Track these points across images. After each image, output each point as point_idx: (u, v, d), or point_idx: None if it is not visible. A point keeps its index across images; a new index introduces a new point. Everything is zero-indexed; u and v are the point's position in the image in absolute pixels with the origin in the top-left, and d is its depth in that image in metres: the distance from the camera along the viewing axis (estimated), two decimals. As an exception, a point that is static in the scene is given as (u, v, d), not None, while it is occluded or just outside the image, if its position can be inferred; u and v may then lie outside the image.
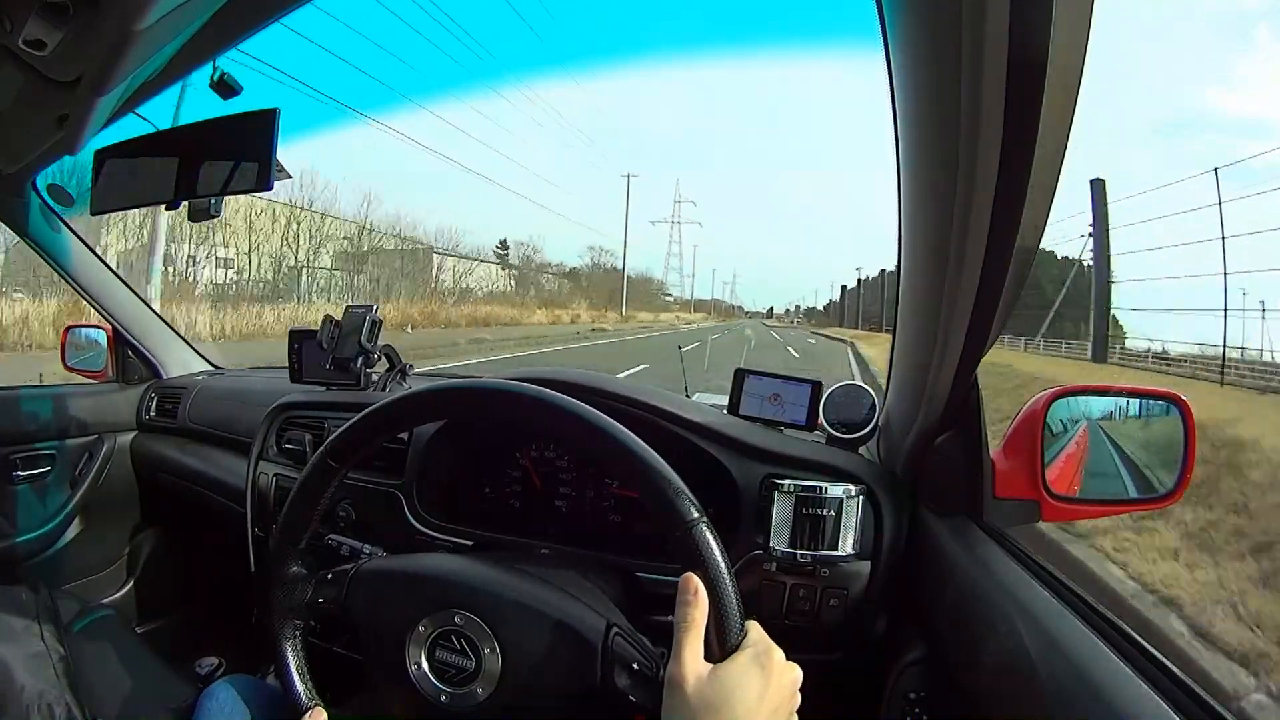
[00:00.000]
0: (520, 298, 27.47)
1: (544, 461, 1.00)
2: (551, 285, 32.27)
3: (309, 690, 0.61)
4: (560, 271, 33.88)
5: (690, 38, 54.62)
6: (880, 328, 35.24)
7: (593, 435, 0.56)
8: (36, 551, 1.41)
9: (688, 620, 0.49)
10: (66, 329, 1.67)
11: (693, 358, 1.67)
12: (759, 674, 0.48)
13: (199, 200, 0.99)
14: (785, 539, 0.79)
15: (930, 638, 0.74)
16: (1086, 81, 0.43)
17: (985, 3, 0.41)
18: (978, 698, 0.61)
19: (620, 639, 0.56)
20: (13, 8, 0.59)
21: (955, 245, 0.54)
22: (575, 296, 33.36)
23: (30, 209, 1.29)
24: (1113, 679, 0.48)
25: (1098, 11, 0.41)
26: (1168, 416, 0.75)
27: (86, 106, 0.73)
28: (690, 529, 0.51)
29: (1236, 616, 2.89)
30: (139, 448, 1.54)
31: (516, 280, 28.65)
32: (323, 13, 14.55)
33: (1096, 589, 2.88)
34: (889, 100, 0.58)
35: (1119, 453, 0.79)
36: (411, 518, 0.94)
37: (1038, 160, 0.47)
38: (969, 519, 0.76)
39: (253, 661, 1.18)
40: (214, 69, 0.91)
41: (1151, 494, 0.74)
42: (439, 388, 0.62)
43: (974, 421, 0.73)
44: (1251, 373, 13.38)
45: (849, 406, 0.91)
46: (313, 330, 1.15)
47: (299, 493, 0.63)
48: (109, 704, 0.87)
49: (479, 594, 0.59)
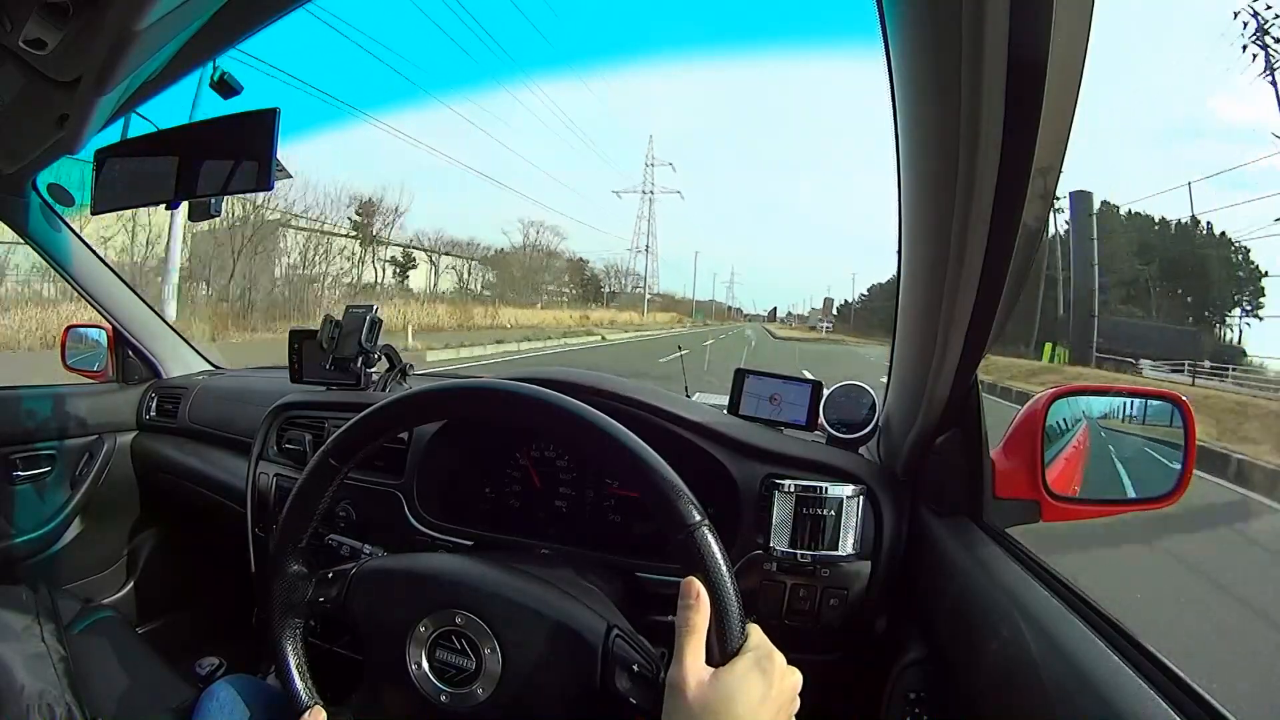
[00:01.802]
0: (398, 289, 20.61)
1: (544, 461, 1.00)
2: (464, 271, 24.70)
3: (309, 690, 0.61)
4: (470, 254, 25.04)
5: (689, 37, 54.58)
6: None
7: (594, 436, 0.56)
8: (37, 551, 1.41)
9: (689, 624, 0.49)
10: (66, 329, 1.67)
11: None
12: (760, 678, 0.48)
13: (199, 200, 0.99)
14: (785, 539, 0.79)
15: (930, 638, 0.74)
16: (1087, 82, 0.43)
17: (985, 3, 0.41)
18: (978, 698, 0.61)
19: (620, 640, 0.56)
20: (13, 8, 0.59)
21: (955, 245, 0.54)
22: (502, 287, 26.45)
23: (30, 209, 1.29)
24: (1113, 679, 0.48)
25: (1098, 12, 0.41)
26: (1168, 416, 0.75)
27: (86, 106, 0.73)
28: (692, 532, 0.51)
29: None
30: (139, 448, 1.54)
31: (402, 265, 21.14)
32: (310, 14, 14.44)
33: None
34: (889, 100, 0.58)
35: (1119, 453, 0.79)
36: (411, 518, 0.94)
37: (1038, 161, 0.47)
38: (969, 519, 0.76)
39: (253, 661, 1.18)
40: (214, 69, 0.92)
41: (1152, 494, 0.74)
42: (439, 388, 0.62)
43: (974, 421, 0.73)
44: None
45: (849, 407, 0.91)
46: (313, 330, 1.15)
47: (299, 493, 0.63)
48: (109, 704, 0.87)
49: (479, 594, 0.59)
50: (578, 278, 35.31)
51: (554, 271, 32.38)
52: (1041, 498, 0.72)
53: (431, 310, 19.59)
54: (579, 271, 35.58)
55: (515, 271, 28.53)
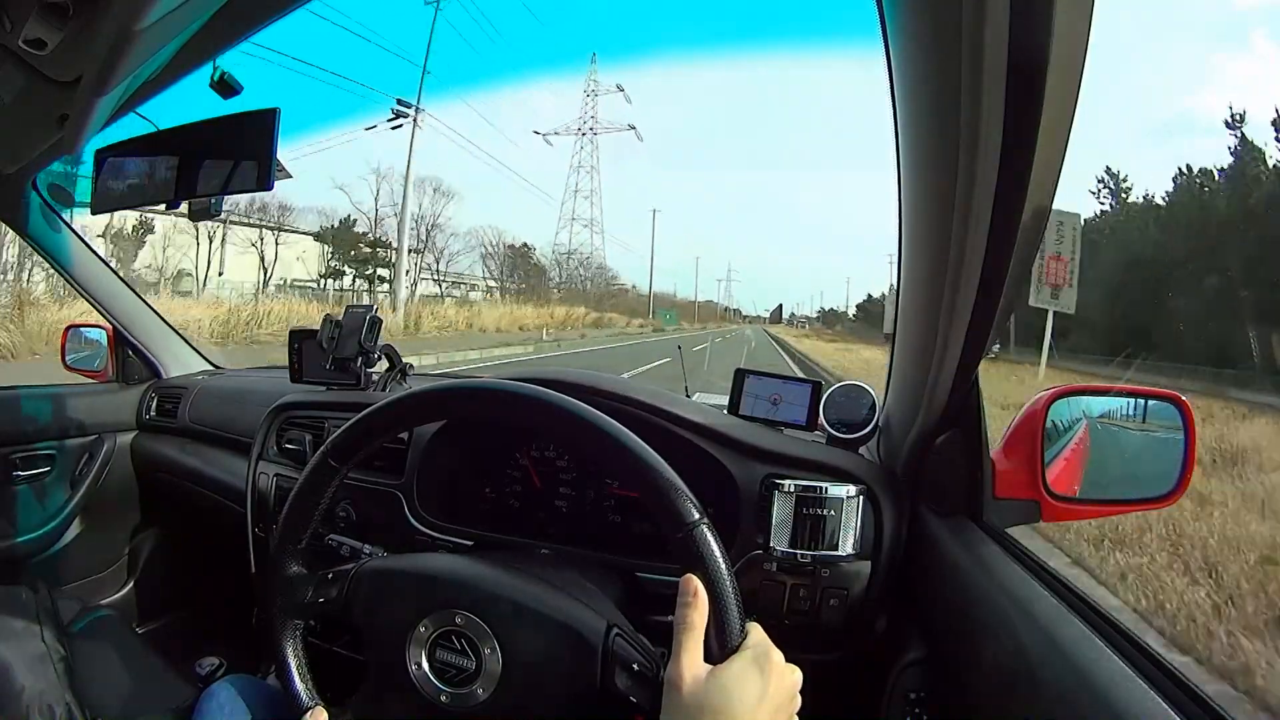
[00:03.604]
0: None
1: (544, 461, 1.00)
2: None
3: (309, 690, 0.61)
4: (277, 222, 17.55)
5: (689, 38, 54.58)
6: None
7: (593, 436, 0.56)
8: (37, 551, 1.41)
9: (687, 621, 0.49)
10: (67, 329, 1.67)
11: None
12: (758, 676, 0.48)
13: (199, 200, 0.99)
14: (785, 539, 0.79)
15: (930, 638, 0.74)
16: (1087, 82, 0.43)
17: (985, 3, 0.41)
18: (978, 698, 0.61)
19: (620, 640, 0.56)
20: (13, 8, 0.59)
21: (955, 245, 0.54)
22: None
23: (30, 209, 1.29)
24: (1113, 679, 0.48)
25: (1098, 12, 0.41)
26: (1168, 416, 0.75)
27: (86, 106, 0.73)
28: (691, 530, 0.51)
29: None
30: (139, 448, 1.54)
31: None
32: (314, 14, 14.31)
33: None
34: (889, 100, 0.58)
35: (1119, 453, 0.79)
36: (411, 518, 0.94)
37: (1038, 161, 0.47)
38: (969, 519, 0.76)
39: (253, 661, 1.19)
40: (214, 69, 0.91)
41: (1152, 494, 0.74)
42: (439, 388, 0.62)
43: (974, 421, 0.73)
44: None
45: (849, 406, 0.91)
46: (313, 330, 1.15)
47: (299, 493, 0.63)
48: (109, 704, 0.87)
49: (480, 594, 0.59)
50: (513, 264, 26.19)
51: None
52: (1041, 498, 0.72)
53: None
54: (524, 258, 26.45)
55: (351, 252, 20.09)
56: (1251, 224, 14.66)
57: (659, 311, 35.83)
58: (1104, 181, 19.39)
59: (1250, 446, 5.15)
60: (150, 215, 14.92)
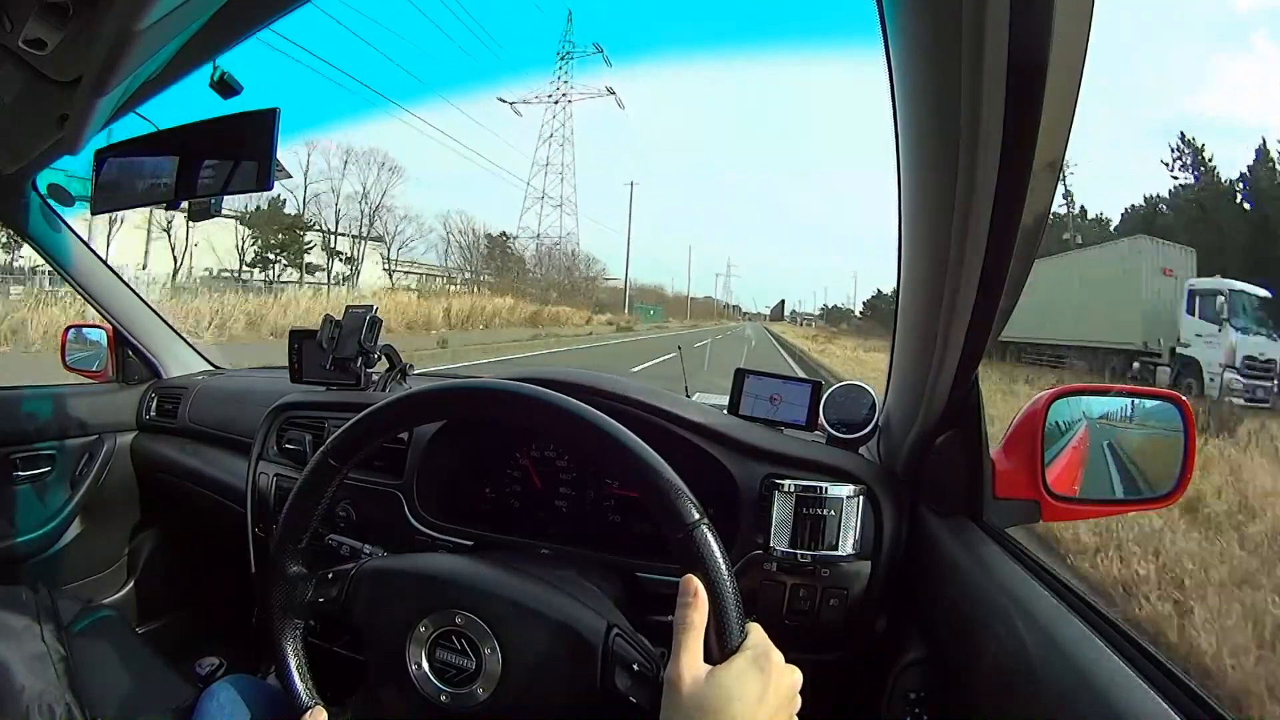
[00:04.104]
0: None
1: (544, 461, 1.00)
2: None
3: (309, 690, 0.61)
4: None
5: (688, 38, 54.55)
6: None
7: (593, 436, 0.56)
8: (37, 551, 1.41)
9: (687, 622, 0.49)
10: (66, 329, 1.67)
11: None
12: (758, 676, 0.48)
13: (199, 200, 0.99)
14: (785, 539, 0.79)
15: (930, 638, 0.74)
16: (1087, 82, 0.43)
17: (985, 3, 0.41)
18: (978, 698, 0.61)
19: (620, 640, 0.56)
20: (13, 8, 0.59)
21: (955, 245, 0.54)
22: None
23: (30, 209, 1.29)
24: (1113, 679, 0.48)
25: (1098, 12, 0.41)
26: (1167, 416, 0.75)
27: (86, 106, 0.73)
28: (691, 531, 0.51)
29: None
30: (139, 448, 1.54)
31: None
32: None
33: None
34: (889, 100, 0.58)
35: (1119, 453, 0.79)
36: (411, 518, 0.94)
37: (1038, 161, 0.47)
38: (969, 519, 0.76)
39: (253, 661, 1.19)
40: (214, 69, 0.91)
41: (1152, 494, 0.74)
42: (439, 388, 0.62)
43: (974, 421, 0.73)
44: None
45: (849, 406, 0.91)
46: (313, 330, 1.15)
47: (299, 493, 0.63)
48: (109, 704, 0.87)
49: (480, 594, 0.59)
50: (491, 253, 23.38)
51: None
52: (1041, 498, 0.72)
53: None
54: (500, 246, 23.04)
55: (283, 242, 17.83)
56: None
57: (638, 306, 31.47)
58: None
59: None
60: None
